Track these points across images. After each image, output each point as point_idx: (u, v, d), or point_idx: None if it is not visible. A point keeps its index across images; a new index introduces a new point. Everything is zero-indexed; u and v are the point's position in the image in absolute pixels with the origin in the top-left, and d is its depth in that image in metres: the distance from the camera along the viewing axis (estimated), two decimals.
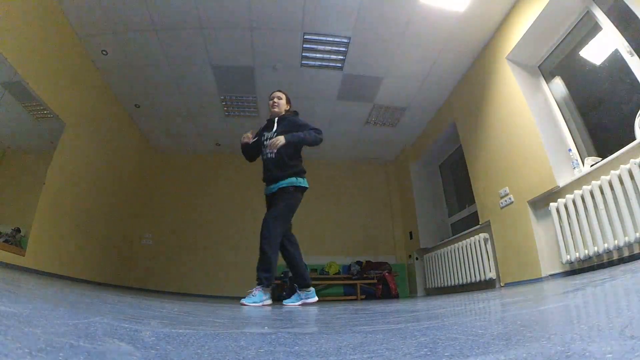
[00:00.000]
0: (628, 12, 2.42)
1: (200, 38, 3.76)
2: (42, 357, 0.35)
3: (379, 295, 5.01)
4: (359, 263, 5.46)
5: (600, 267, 2.42)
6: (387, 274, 5.09)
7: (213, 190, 6.08)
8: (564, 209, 2.68)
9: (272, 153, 2.47)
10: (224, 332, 0.75)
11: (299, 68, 4.21)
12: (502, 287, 3.43)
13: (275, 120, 2.69)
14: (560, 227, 2.71)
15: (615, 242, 2.22)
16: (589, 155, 2.85)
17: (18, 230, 3.09)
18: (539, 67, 3.46)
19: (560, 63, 3.29)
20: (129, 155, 5.24)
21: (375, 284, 5.13)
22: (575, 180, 2.70)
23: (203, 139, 5.90)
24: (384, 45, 3.86)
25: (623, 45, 2.55)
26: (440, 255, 4.63)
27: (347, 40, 3.81)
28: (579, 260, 2.54)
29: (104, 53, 3.91)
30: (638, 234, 2.09)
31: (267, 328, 0.91)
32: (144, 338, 0.56)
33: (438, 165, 5.68)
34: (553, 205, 2.79)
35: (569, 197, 2.64)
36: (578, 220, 2.55)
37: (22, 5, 2.88)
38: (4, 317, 0.55)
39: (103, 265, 4.50)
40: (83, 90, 3.91)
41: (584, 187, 2.52)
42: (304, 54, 4.01)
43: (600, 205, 2.36)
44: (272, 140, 2.43)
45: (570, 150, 3.00)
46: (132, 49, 3.89)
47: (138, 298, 2.06)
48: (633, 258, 2.18)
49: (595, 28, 2.83)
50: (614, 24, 2.63)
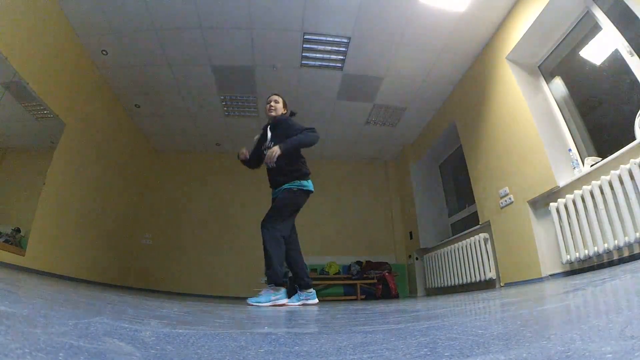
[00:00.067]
0: (628, 12, 2.42)
1: (200, 38, 3.76)
2: (42, 357, 0.35)
3: (379, 295, 5.01)
4: (359, 263, 5.46)
5: (600, 267, 2.42)
6: (387, 274, 5.09)
7: (213, 190, 6.07)
8: (564, 209, 2.68)
9: (272, 163, 2.50)
10: (224, 332, 0.75)
11: (299, 68, 4.21)
12: (502, 287, 3.43)
13: (269, 128, 2.72)
14: (560, 227, 2.71)
15: (615, 242, 2.22)
16: (589, 155, 2.85)
17: (18, 230, 3.09)
18: (539, 67, 3.46)
19: (560, 63, 3.29)
20: (129, 155, 5.24)
21: (375, 284, 5.12)
22: (575, 180, 2.70)
23: (203, 139, 5.91)
24: (384, 45, 3.86)
25: (623, 45, 2.55)
26: (440, 255, 4.62)
27: (347, 40, 3.81)
28: (579, 260, 2.54)
29: (104, 53, 3.91)
30: (638, 234, 2.09)
31: (267, 328, 0.91)
32: (144, 338, 0.56)
33: (438, 165, 5.67)
34: (553, 205, 2.79)
35: (569, 197, 2.64)
36: (578, 220, 2.55)
37: (22, 6, 2.88)
38: (4, 317, 0.55)
39: (103, 265, 4.50)
40: (83, 90, 3.91)
41: (584, 187, 2.52)
42: (304, 54, 4.01)
43: (600, 205, 2.36)
44: (268, 154, 2.45)
45: (570, 150, 3.00)
46: (132, 49, 3.89)
47: (138, 298, 2.06)
48: (633, 258, 2.18)
49: (595, 28, 2.83)
50: (614, 24, 2.63)
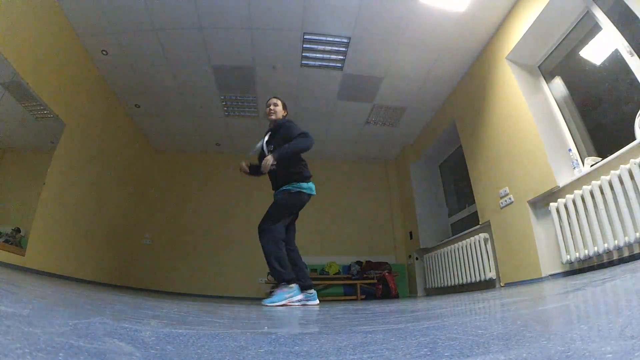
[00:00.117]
0: (628, 12, 2.42)
1: (200, 38, 3.76)
2: (42, 357, 0.35)
3: (379, 295, 5.01)
4: (359, 263, 5.45)
5: (600, 267, 2.42)
6: (387, 274, 5.08)
7: (213, 190, 6.07)
8: (564, 209, 2.68)
9: (273, 166, 2.52)
10: (224, 332, 0.75)
11: (299, 68, 4.21)
12: (502, 287, 3.43)
13: (269, 134, 2.74)
14: (560, 227, 2.71)
15: (615, 242, 2.22)
16: (589, 155, 2.85)
17: (18, 230, 3.09)
18: (539, 67, 3.46)
19: (560, 63, 3.29)
20: (129, 155, 5.24)
21: (375, 284, 5.12)
22: (575, 180, 2.70)
23: (203, 139, 5.90)
24: (384, 45, 3.86)
25: (623, 45, 2.55)
26: (440, 255, 4.62)
27: (347, 40, 3.81)
28: (579, 260, 2.54)
29: (104, 53, 3.91)
30: (638, 234, 2.09)
31: (267, 328, 0.91)
32: (144, 338, 0.56)
33: (438, 165, 5.67)
34: (553, 205, 2.79)
35: (569, 197, 2.64)
36: (578, 220, 2.55)
37: (22, 5, 2.88)
38: (4, 317, 0.55)
39: (103, 265, 4.50)
40: (83, 90, 3.91)
41: (584, 187, 2.52)
42: (304, 54, 4.01)
43: (600, 205, 2.36)
44: (263, 163, 2.49)
45: (570, 150, 3.00)
46: (132, 49, 3.89)
47: (138, 298, 2.06)
48: (633, 258, 2.18)
49: (595, 28, 2.83)
50: (614, 24, 2.63)
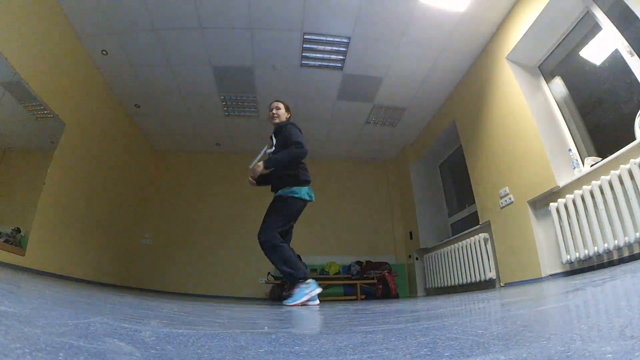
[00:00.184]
0: (628, 12, 2.42)
1: (200, 38, 3.76)
2: (42, 357, 0.35)
3: (379, 295, 5.01)
4: (359, 263, 5.45)
5: (600, 267, 2.41)
6: (387, 274, 5.08)
7: (213, 190, 6.07)
8: (564, 209, 2.68)
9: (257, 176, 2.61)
10: (224, 332, 0.75)
11: (299, 68, 4.21)
12: (502, 287, 3.43)
13: (273, 135, 2.77)
14: (560, 227, 2.71)
15: (615, 242, 2.22)
16: (589, 155, 2.85)
17: (18, 230, 3.09)
18: (539, 67, 3.46)
19: (560, 63, 3.29)
20: (129, 155, 5.24)
21: (375, 284, 5.12)
22: (575, 180, 2.70)
23: (203, 139, 5.90)
24: (384, 45, 3.86)
25: (623, 45, 2.55)
26: (440, 255, 4.62)
27: (347, 40, 3.81)
28: (579, 260, 2.54)
29: (104, 53, 3.91)
30: (638, 234, 2.09)
31: (267, 328, 0.91)
32: (144, 338, 0.56)
33: (438, 165, 5.67)
34: (553, 205, 2.79)
35: (569, 197, 2.64)
36: (578, 220, 2.55)
37: (22, 5, 2.88)
38: (4, 317, 0.55)
39: (103, 265, 4.50)
40: (83, 90, 3.91)
41: (584, 187, 2.52)
42: (304, 54, 4.01)
43: (600, 206, 2.36)
44: (253, 169, 2.60)
45: (570, 150, 3.00)
46: (132, 49, 3.89)
47: (138, 298, 2.06)
48: (633, 258, 2.18)
49: (595, 28, 2.83)
50: (614, 24, 2.63)
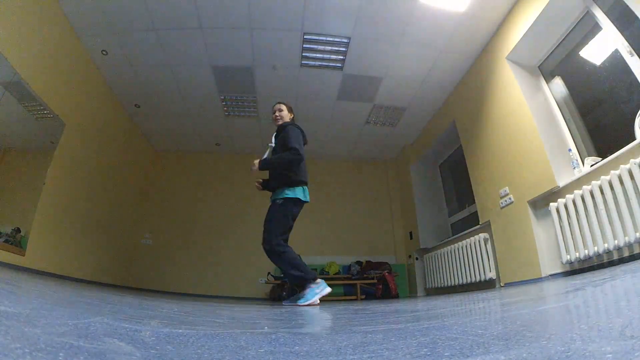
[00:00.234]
0: (628, 12, 2.42)
1: (200, 38, 3.76)
2: (42, 357, 0.34)
3: (379, 295, 5.01)
4: (359, 263, 5.45)
5: (600, 267, 2.41)
6: (387, 274, 5.08)
7: (213, 190, 6.08)
8: (564, 209, 2.68)
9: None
10: (224, 332, 0.75)
11: (299, 68, 4.21)
12: (502, 287, 3.43)
13: (275, 135, 2.78)
14: (560, 227, 2.71)
15: (615, 242, 2.22)
16: (589, 155, 2.85)
17: (18, 230, 3.09)
18: (539, 67, 3.46)
19: (560, 63, 3.29)
20: (129, 155, 5.24)
21: (375, 284, 5.12)
22: (575, 180, 2.70)
23: (203, 139, 5.91)
24: (384, 45, 3.86)
25: (623, 45, 2.55)
26: (440, 255, 4.62)
27: (347, 40, 3.81)
28: (579, 260, 2.54)
29: (104, 53, 3.91)
30: (638, 234, 2.09)
31: (267, 328, 0.90)
32: (144, 338, 0.56)
33: (438, 165, 5.67)
34: (553, 205, 2.79)
35: (569, 197, 2.64)
36: (578, 220, 2.55)
37: (22, 6, 2.89)
38: (4, 317, 0.55)
39: (103, 265, 4.50)
40: (83, 90, 3.91)
41: (584, 187, 2.52)
42: (304, 54, 4.01)
43: (600, 206, 2.36)
44: (252, 168, 2.65)
45: (570, 150, 3.00)
46: (132, 49, 3.89)
47: (138, 298, 2.06)
48: (633, 258, 2.18)
49: (595, 28, 2.83)
50: (614, 24, 2.63)
